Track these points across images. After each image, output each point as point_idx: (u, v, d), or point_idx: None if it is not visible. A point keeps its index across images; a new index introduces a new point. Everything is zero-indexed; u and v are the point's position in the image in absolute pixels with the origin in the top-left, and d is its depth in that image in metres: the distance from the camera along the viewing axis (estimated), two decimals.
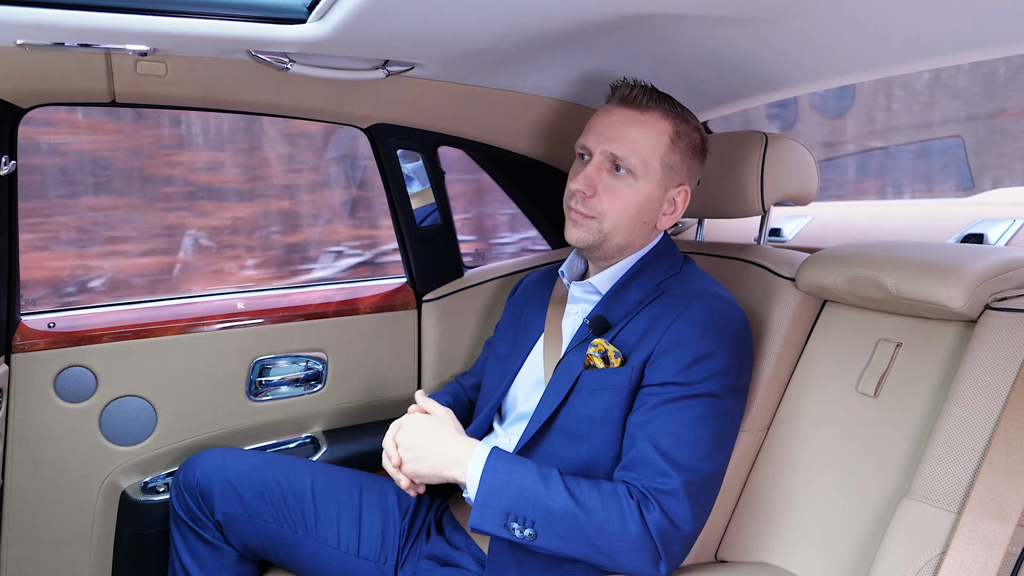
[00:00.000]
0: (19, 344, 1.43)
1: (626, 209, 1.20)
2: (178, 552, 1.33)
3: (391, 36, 1.19)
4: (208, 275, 3.67)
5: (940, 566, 0.90)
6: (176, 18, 1.11)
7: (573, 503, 1.04)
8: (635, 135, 1.19)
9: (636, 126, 1.19)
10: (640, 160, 1.18)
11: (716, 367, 1.11)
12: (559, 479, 1.06)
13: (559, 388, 1.19)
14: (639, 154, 1.18)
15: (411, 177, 1.74)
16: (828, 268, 1.22)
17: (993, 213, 1.59)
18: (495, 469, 1.07)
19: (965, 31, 1.10)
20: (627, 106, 1.21)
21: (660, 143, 1.20)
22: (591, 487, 1.06)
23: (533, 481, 1.06)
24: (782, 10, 1.11)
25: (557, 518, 1.03)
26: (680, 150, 1.22)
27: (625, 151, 1.18)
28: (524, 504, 1.04)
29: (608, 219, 1.20)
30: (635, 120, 1.20)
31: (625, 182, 1.19)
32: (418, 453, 1.15)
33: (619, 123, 1.20)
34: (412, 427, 1.19)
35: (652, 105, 1.20)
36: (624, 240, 1.23)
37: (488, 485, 1.06)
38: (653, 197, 1.22)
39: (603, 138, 1.20)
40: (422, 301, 1.80)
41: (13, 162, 1.36)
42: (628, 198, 1.20)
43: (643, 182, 1.20)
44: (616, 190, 1.20)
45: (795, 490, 1.22)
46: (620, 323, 1.20)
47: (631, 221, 1.21)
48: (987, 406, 0.97)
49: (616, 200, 1.20)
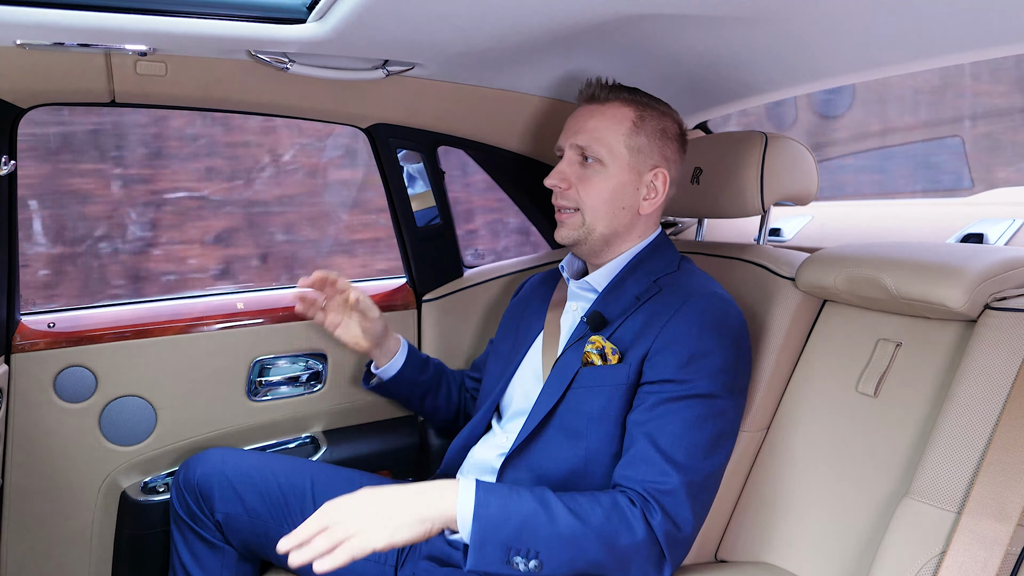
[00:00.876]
0: (19, 344, 1.43)
1: (601, 195, 1.24)
2: (178, 552, 1.33)
3: (391, 36, 1.20)
4: None
5: (940, 566, 0.90)
6: (176, 18, 1.11)
7: (579, 523, 1.00)
8: (595, 124, 1.25)
9: (596, 116, 1.26)
10: (604, 147, 1.23)
11: (714, 365, 1.11)
12: (558, 500, 1.02)
13: (557, 385, 1.19)
14: (602, 141, 1.23)
15: (411, 177, 1.74)
16: (828, 268, 1.22)
17: (993, 213, 1.59)
18: (487, 503, 0.99)
19: (965, 31, 1.10)
20: (589, 102, 1.29)
21: (621, 127, 1.24)
22: (591, 502, 1.03)
23: (532, 508, 1.00)
24: (781, 10, 1.11)
25: (564, 542, 0.99)
26: (646, 132, 1.26)
27: (588, 140, 1.24)
28: (526, 535, 0.98)
29: (588, 209, 1.24)
30: (595, 112, 1.26)
31: (594, 170, 1.24)
32: (378, 515, 0.96)
33: (582, 118, 1.27)
34: (363, 497, 0.99)
35: (611, 96, 1.27)
36: (608, 229, 1.26)
37: (484, 521, 0.98)
38: (625, 181, 1.25)
39: (569, 133, 1.28)
40: (422, 301, 1.80)
41: (13, 162, 1.36)
42: (600, 184, 1.24)
43: (612, 168, 1.24)
44: (587, 179, 1.24)
45: (795, 490, 1.22)
46: (617, 320, 1.21)
47: (608, 207, 1.25)
48: (987, 406, 0.97)
49: (590, 188, 1.24)
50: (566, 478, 1.16)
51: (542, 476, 1.17)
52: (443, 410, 1.54)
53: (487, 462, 1.27)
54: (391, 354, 1.46)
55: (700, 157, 1.50)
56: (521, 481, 1.19)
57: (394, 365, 1.46)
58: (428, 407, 1.54)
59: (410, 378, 1.48)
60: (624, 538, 1.01)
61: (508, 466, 1.21)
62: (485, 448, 1.30)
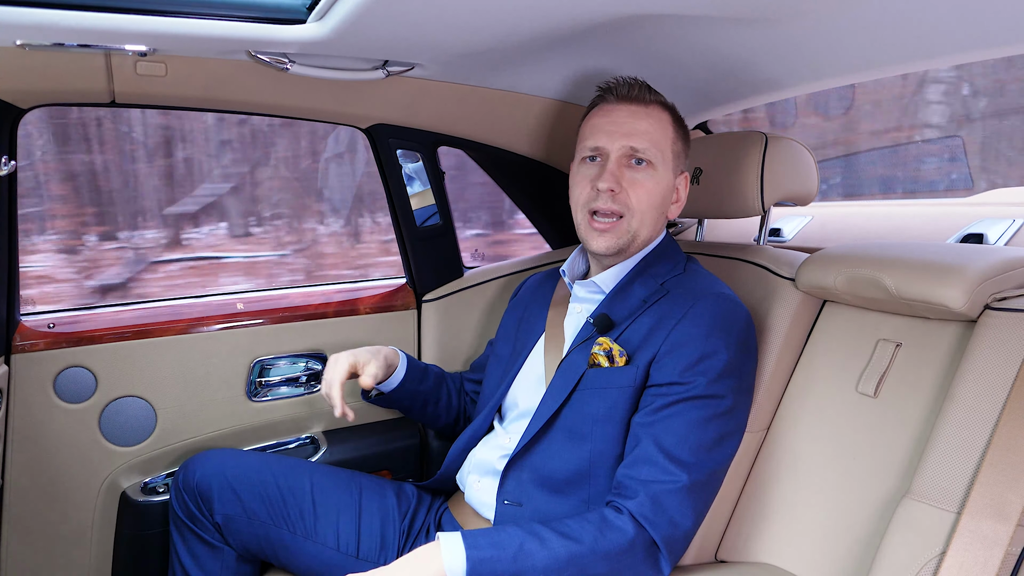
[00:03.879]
0: (19, 344, 1.43)
1: (651, 199, 1.23)
2: (178, 553, 1.33)
3: (391, 36, 1.19)
4: None
5: (940, 566, 0.90)
6: (176, 18, 1.11)
7: (573, 543, 1.00)
8: (647, 127, 1.23)
9: (646, 119, 1.23)
10: (658, 149, 1.23)
11: (721, 366, 1.11)
12: (545, 527, 1.02)
13: (562, 387, 1.19)
14: (657, 143, 1.23)
15: (411, 177, 1.74)
16: (828, 268, 1.22)
17: (993, 213, 1.59)
18: (476, 544, 0.99)
19: (965, 31, 1.10)
20: (630, 102, 1.25)
21: (668, 131, 1.25)
22: (579, 522, 1.04)
23: (523, 538, 1.00)
24: (782, 10, 1.11)
25: (562, 564, 0.99)
26: (682, 138, 1.28)
27: (644, 143, 1.22)
28: (522, 562, 0.98)
29: (636, 213, 1.23)
30: (642, 114, 1.24)
31: (647, 173, 1.23)
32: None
33: (628, 119, 1.23)
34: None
35: (651, 98, 1.26)
36: (648, 234, 1.26)
37: (478, 563, 0.97)
38: (669, 185, 1.26)
39: (617, 135, 1.22)
40: (422, 301, 1.80)
41: (13, 162, 1.36)
42: (651, 188, 1.23)
43: (661, 171, 1.24)
44: (640, 182, 1.23)
45: (795, 490, 1.22)
46: (624, 322, 1.20)
47: (655, 212, 1.25)
48: (987, 406, 0.97)
49: (642, 191, 1.22)
50: (570, 479, 1.16)
51: (546, 477, 1.17)
52: (443, 417, 1.54)
53: (489, 463, 1.27)
54: (392, 368, 1.44)
55: (700, 157, 1.50)
56: (524, 482, 1.19)
57: (395, 379, 1.44)
58: (429, 415, 1.53)
59: (411, 389, 1.47)
60: (618, 546, 1.02)
61: (512, 467, 1.21)
62: (487, 449, 1.30)
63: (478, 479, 1.28)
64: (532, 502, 1.17)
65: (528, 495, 1.18)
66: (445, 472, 1.36)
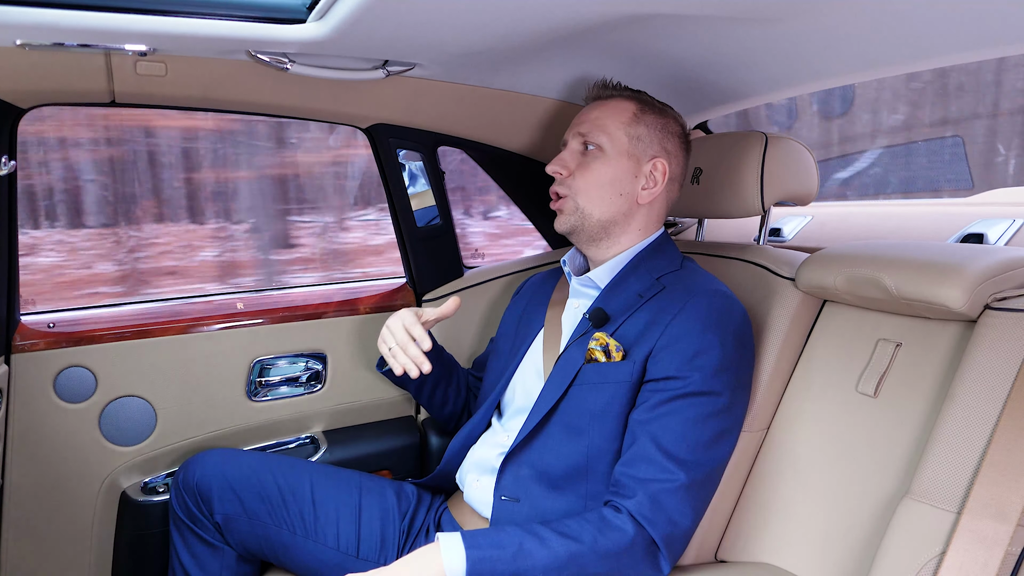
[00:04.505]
0: (19, 344, 1.43)
1: (598, 180, 1.27)
2: (178, 552, 1.33)
3: (391, 36, 1.19)
4: None
5: (940, 566, 0.90)
6: (176, 18, 1.11)
7: (573, 542, 1.00)
8: (598, 114, 1.30)
9: (599, 108, 1.31)
10: (605, 134, 1.28)
11: (717, 362, 1.11)
12: (545, 527, 1.02)
13: (559, 381, 1.19)
14: (603, 128, 1.28)
15: (411, 177, 1.74)
16: (828, 268, 1.22)
17: (993, 213, 1.59)
18: (476, 544, 0.99)
19: (965, 31, 1.10)
20: (595, 100, 1.35)
21: (622, 117, 1.29)
22: (579, 521, 1.04)
23: (523, 537, 1.01)
24: (782, 10, 1.11)
25: (562, 563, 0.99)
26: (646, 123, 1.29)
27: (590, 128, 1.29)
28: (522, 562, 0.98)
29: (582, 193, 1.27)
30: (599, 105, 1.32)
31: (594, 156, 1.28)
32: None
33: (586, 112, 1.33)
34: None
35: (616, 93, 1.34)
36: (604, 215, 1.28)
37: (476, 561, 0.98)
38: (624, 168, 1.28)
39: (573, 126, 1.33)
40: (422, 301, 1.80)
41: (13, 162, 1.36)
42: (598, 170, 1.27)
43: (611, 154, 1.27)
44: (587, 165, 1.28)
45: (795, 490, 1.22)
46: (621, 317, 1.21)
47: (605, 193, 1.27)
48: (987, 406, 0.97)
49: (588, 174, 1.28)
50: (568, 474, 1.16)
51: (543, 472, 1.17)
52: (451, 403, 1.53)
53: (487, 460, 1.27)
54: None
55: (700, 157, 1.50)
56: (522, 477, 1.19)
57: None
58: (438, 398, 1.51)
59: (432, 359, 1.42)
60: (618, 545, 1.02)
61: (509, 463, 1.21)
62: (485, 447, 1.30)
63: (477, 478, 1.28)
64: (530, 497, 1.18)
65: (526, 490, 1.18)
66: (444, 469, 1.36)
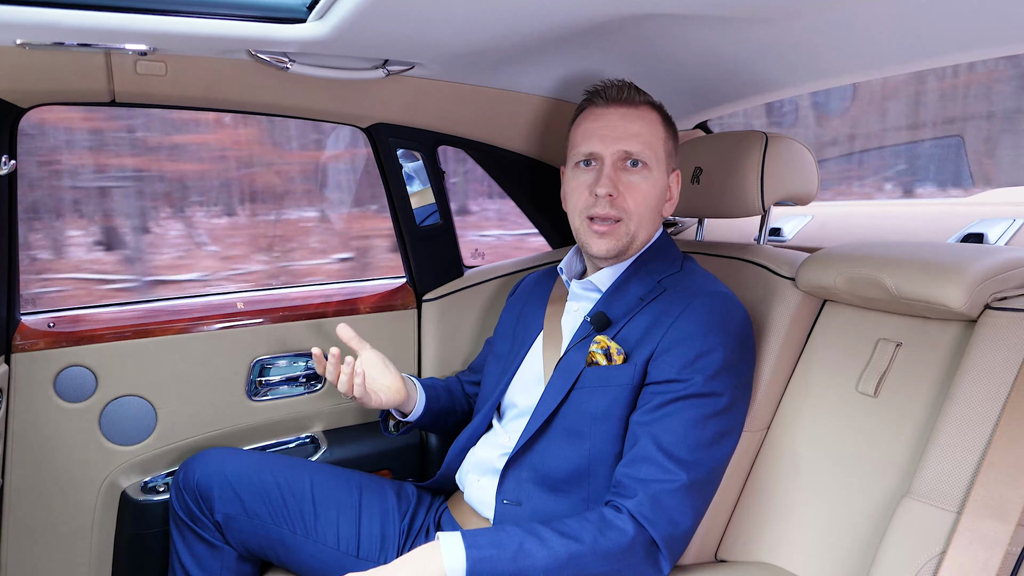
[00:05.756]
0: (19, 344, 1.43)
1: (648, 201, 1.23)
2: (178, 552, 1.33)
3: (391, 36, 1.19)
4: None
5: (940, 566, 0.90)
6: (176, 18, 1.11)
7: (573, 542, 1.00)
8: (639, 129, 1.23)
9: (637, 120, 1.23)
10: (651, 151, 1.23)
11: (718, 364, 1.11)
12: (545, 527, 1.02)
13: (560, 385, 1.19)
14: (650, 145, 1.23)
15: (411, 177, 1.74)
16: (828, 268, 1.22)
17: (993, 213, 1.59)
18: (476, 544, 0.99)
19: (965, 31, 1.10)
20: (620, 104, 1.25)
21: (659, 132, 1.25)
22: (579, 521, 1.04)
23: (523, 537, 1.01)
24: (782, 10, 1.11)
25: (562, 563, 0.99)
26: (672, 136, 1.28)
27: (638, 145, 1.22)
28: (522, 561, 0.98)
29: (634, 216, 1.23)
30: (633, 115, 1.24)
31: (642, 175, 1.23)
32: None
33: (620, 122, 1.23)
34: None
35: (641, 99, 1.26)
36: (646, 235, 1.26)
37: (476, 560, 0.97)
38: (663, 185, 1.27)
39: (610, 139, 1.22)
40: (422, 301, 1.80)
41: (13, 162, 1.36)
42: (647, 190, 1.23)
43: (656, 172, 1.24)
44: (635, 185, 1.22)
45: (795, 490, 1.22)
46: (622, 321, 1.21)
47: (651, 214, 1.25)
48: (987, 406, 0.97)
49: (638, 194, 1.23)
50: (569, 478, 1.16)
51: (545, 476, 1.17)
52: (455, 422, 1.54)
53: (488, 462, 1.27)
54: (413, 399, 1.42)
55: (700, 157, 1.50)
56: (523, 481, 1.19)
57: (418, 406, 1.43)
58: (450, 426, 1.53)
59: (434, 409, 1.46)
60: (618, 545, 1.02)
61: (511, 466, 1.21)
62: (486, 448, 1.30)
63: (477, 478, 1.28)
64: (531, 501, 1.18)
65: (527, 494, 1.18)
66: (445, 471, 1.36)
